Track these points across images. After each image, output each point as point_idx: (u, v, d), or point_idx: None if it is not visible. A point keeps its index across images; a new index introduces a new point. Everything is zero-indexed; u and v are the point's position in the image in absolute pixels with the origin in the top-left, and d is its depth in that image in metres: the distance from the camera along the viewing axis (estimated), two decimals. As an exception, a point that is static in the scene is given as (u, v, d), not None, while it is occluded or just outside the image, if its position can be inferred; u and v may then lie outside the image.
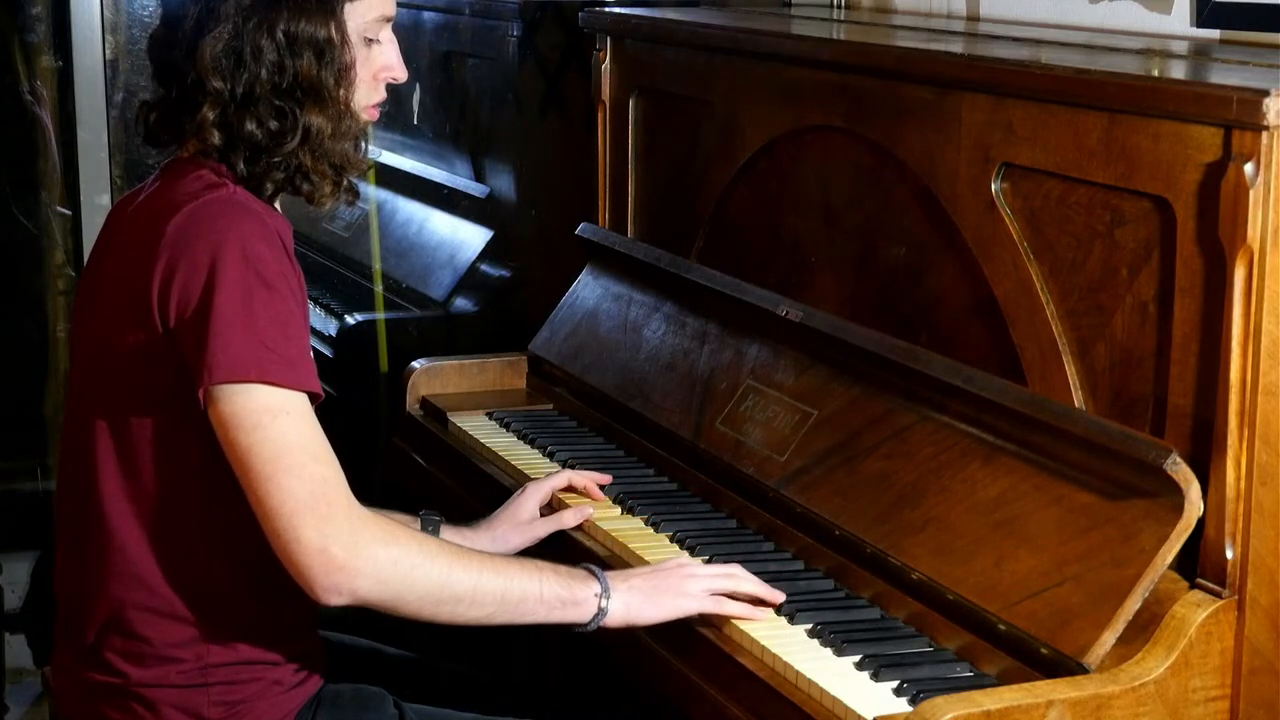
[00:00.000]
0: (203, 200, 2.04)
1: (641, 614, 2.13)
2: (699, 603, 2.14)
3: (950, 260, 2.35)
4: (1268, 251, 1.89)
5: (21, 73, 4.21)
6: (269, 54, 2.05)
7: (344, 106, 2.11)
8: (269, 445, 1.95)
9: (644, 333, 2.87)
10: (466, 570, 2.03)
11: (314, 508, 1.94)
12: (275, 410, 1.96)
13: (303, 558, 1.94)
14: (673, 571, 2.17)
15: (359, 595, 1.97)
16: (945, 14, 3.08)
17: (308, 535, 1.93)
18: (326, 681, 2.21)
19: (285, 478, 1.94)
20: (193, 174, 2.08)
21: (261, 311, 1.97)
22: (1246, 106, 1.87)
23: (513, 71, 3.69)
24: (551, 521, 2.46)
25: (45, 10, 4.21)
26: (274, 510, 1.94)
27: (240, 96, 2.05)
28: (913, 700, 1.93)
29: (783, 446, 2.45)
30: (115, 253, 2.12)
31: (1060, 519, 2.03)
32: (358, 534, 1.96)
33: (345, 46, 2.10)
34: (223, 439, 1.97)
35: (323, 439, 2.00)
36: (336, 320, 3.92)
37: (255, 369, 1.95)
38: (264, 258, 1.99)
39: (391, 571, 1.97)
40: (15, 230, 4.23)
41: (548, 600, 2.08)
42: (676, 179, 3.00)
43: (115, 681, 2.09)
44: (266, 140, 2.07)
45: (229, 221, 2.01)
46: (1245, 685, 1.93)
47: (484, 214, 3.84)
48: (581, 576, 2.12)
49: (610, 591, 2.11)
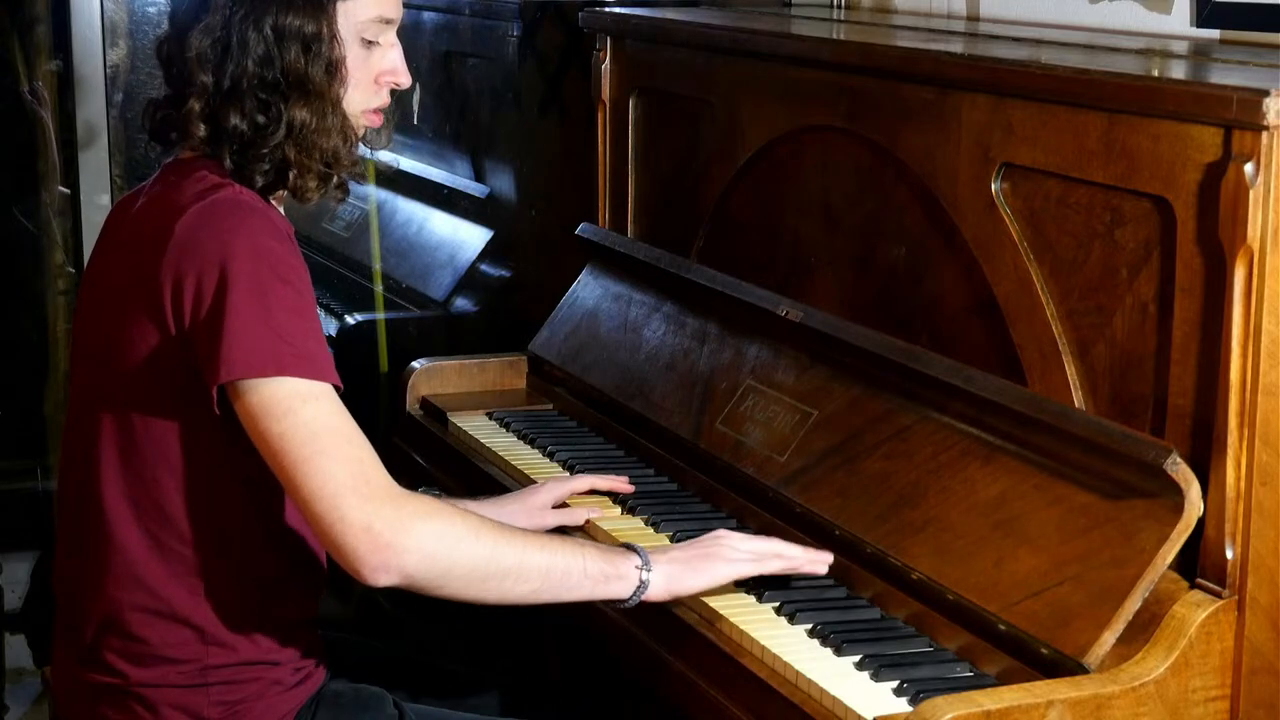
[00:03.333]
0: (209, 201, 2.03)
1: (684, 583, 2.11)
2: (744, 565, 2.14)
3: (950, 260, 2.35)
4: (1268, 251, 1.89)
5: (22, 73, 4.21)
6: (256, 47, 2.05)
7: (333, 103, 2.10)
8: (303, 430, 1.94)
9: (644, 333, 2.87)
10: (510, 545, 2.01)
11: (355, 488, 1.93)
12: (305, 396, 1.96)
13: (349, 538, 1.92)
14: (711, 542, 2.17)
15: (406, 572, 1.94)
16: (945, 14, 3.08)
17: (352, 515, 1.92)
18: (326, 681, 2.21)
19: (323, 460, 1.93)
20: (196, 174, 2.08)
21: (277, 306, 1.97)
22: (1246, 106, 1.87)
23: (513, 71, 3.69)
24: (564, 514, 2.46)
25: (45, 10, 4.21)
26: (315, 494, 1.93)
27: (226, 89, 2.05)
28: (913, 700, 1.93)
29: (783, 446, 2.45)
30: (120, 254, 2.12)
31: (1060, 519, 2.03)
32: (401, 511, 1.94)
33: (334, 43, 2.09)
34: (253, 430, 1.96)
35: (354, 423, 2.00)
36: (336, 320, 3.92)
37: (275, 363, 1.95)
38: (276, 252, 2.00)
39: (437, 546, 1.95)
40: (15, 230, 4.23)
41: (591, 574, 2.05)
42: (676, 179, 3.00)
43: (114, 682, 2.09)
44: (251, 133, 2.06)
45: (238, 220, 2.01)
46: (1245, 685, 1.93)
47: (484, 214, 3.84)
48: (620, 550, 2.12)
49: (651, 564, 2.10)
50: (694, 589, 2.13)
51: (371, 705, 2.21)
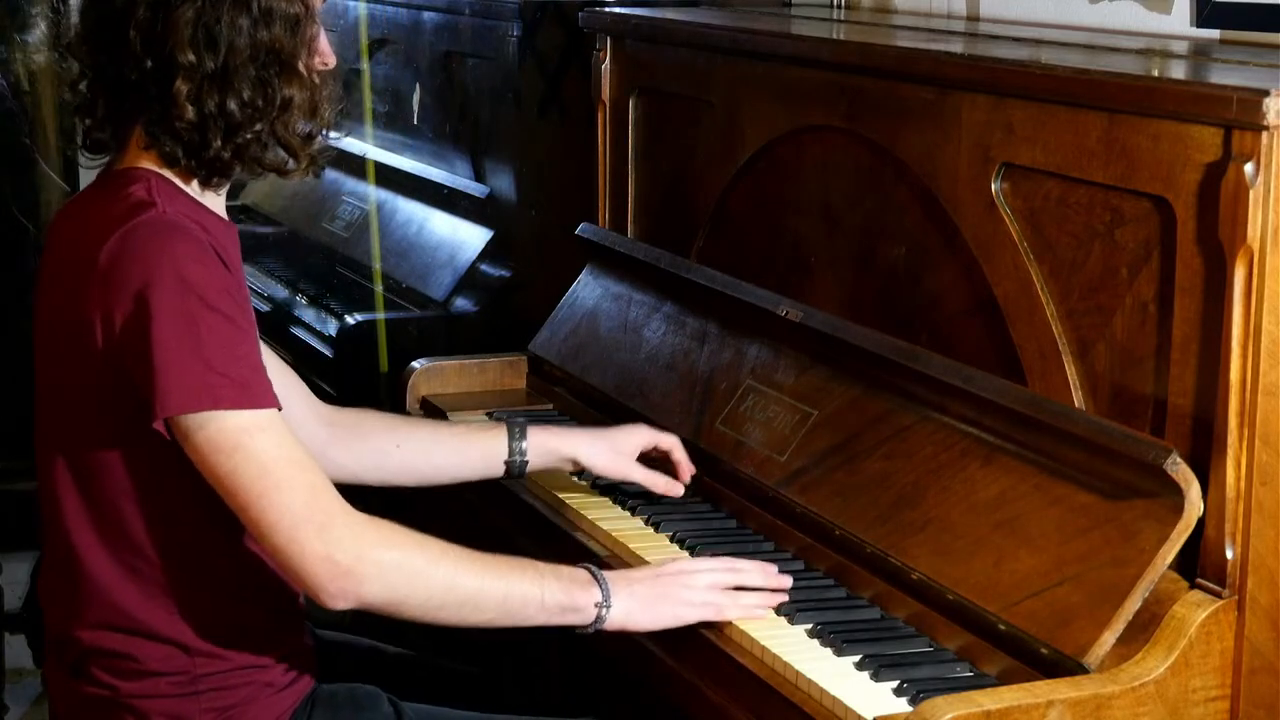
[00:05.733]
0: (131, 225, 1.99)
1: (637, 622, 2.13)
2: (698, 611, 2.14)
3: (950, 260, 2.35)
4: (1268, 251, 1.89)
5: (21, 73, 4.21)
6: (245, 26, 2.01)
7: (311, 81, 2.08)
8: (253, 465, 1.93)
9: (644, 333, 2.87)
10: (469, 575, 2.03)
11: (311, 518, 1.94)
12: (250, 429, 1.94)
13: (309, 567, 1.93)
14: (674, 578, 2.16)
15: (365, 600, 1.97)
16: (945, 14, 3.08)
17: (311, 546, 1.93)
18: (322, 681, 2.20)
19: (277, 494, 1.93)
20: (123, 191, 2.03)
21: (207, 336, 1.93)
22: (1246, 106, 1.86)
23: (513, 71, 3.69)
24: (644, 475, 2.48)
25: (45, 10, 4.21)
26: (272, 526, 1.93)
27: (217, 70, 2.00)
28: (913, 700, 1.93)
29: (783, 446, 2.45)
30: (54, 285, 2.09)
31: (1060, 519, 2.03)
32: (359, 538, 1.95)
33: (310, 17, 2.07)
34: (202, 466, 1.95)
35: (302, 447, 1.99)
36: (336, 320, 3.92)
37: (210, 397, 1.92)
38: (200, 279, 1.95)
39: (395, 576, 1.97)
40: (15, 230, 4.22)
41: (549, 606, 2.08)
42: (676, 179, 3.00)
43: (105, 694, 2.08)
44: (242, 115, 2.02)
45: (159, 245, 1.96)
46: (1245, 685, 1.93)
47: (484, 214, 3.84)
48: (583, 581, 2.11)
49: (611, 599, 2.11)
50: (647, 629, 2.14)
51: (367, 704, 2.20)
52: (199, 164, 2.05)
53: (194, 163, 2.05)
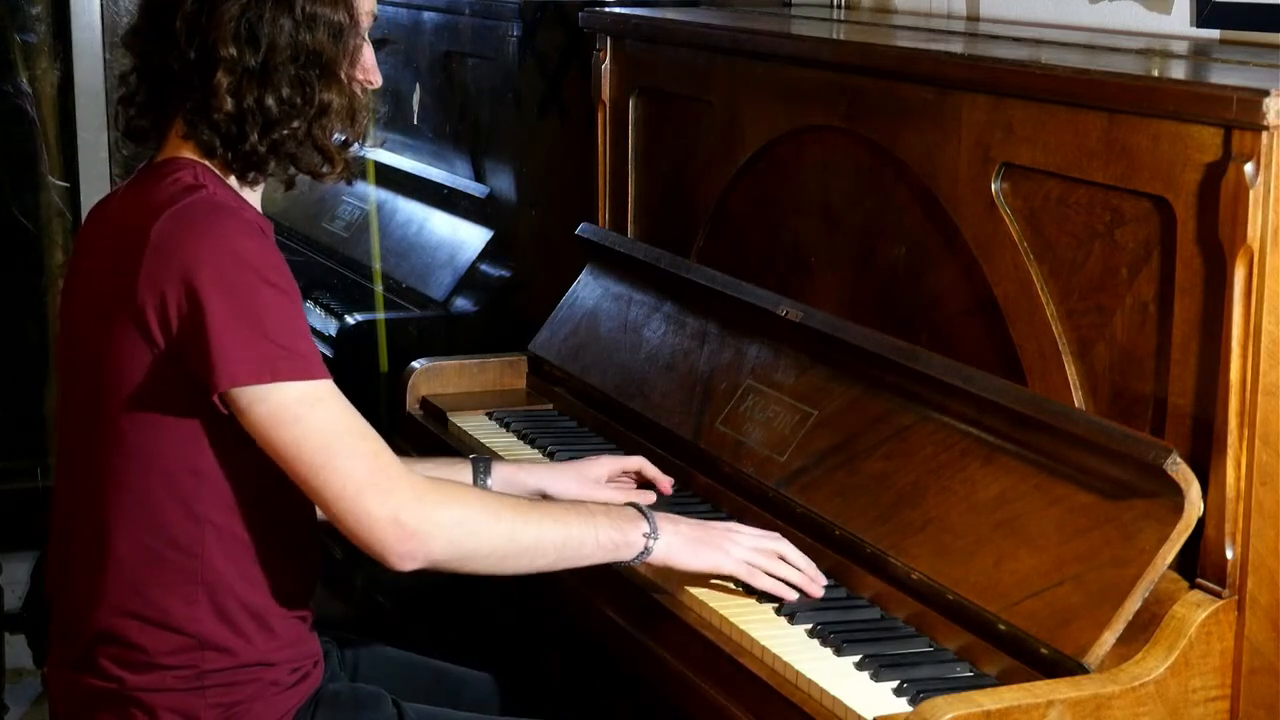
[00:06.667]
0: (184, 204, 2.02)
1: (680, 559, 2.18)
2: (734, 565, 2.19)
3: (950, 260, 2.35)
4: (1268, 251, 1.89)
5: (21, 73, 4.21)
6: (287, 27, 2.04)
7: (351, 90, 2.11)
8: (316, 434, 1.97)
9: (644, 333, 2.87)
10: (528, 524, 2.08)
11: (376, 483, 1.98)
12: (311, 400, 1.98)
13: (376, 532, 1.97)
14: (721, 531, 2.23)
15: (433, 558, 2.01)
16: (945, 14, 3.08)
17: (377, 510, 1.97)
18: (325, 681, 2.20)
19: (341, 460, 1.97)
20: (170, 178, 2.06)
21: (265, 310, 1.97)
22: (1246, 106, 1.87)
23: (513, 71, 3.69)
24: (618, 492, 2.50)
25: (45, 10, 4.21)
26: (337, 494, 1.97)
27: (257, 66, 2.04)
28: (913, 700, 1.93)
29: (783, 446, 2.45)
30: (98, 264, 2.10)
31: (1060, 519, 2.03)
32: (423, 500, 2.00)
33: (355, 29, 2.10)
34: (264, 439, 1.98)
35: (360, 415, 2.02)
36: (336, 320, 3.92)
37: (270, 370, 1.96)
38: (255, 254, 1.99)
39: (460, 532, 2.02)
40: (15, 230, 4.23)
41: (603, 544, 2.14)
42: (676, 179, 3.00)
43: (110, 687, 2.08)
44: (279, 111, 2.05)
45: (210, 222, 2.00)
46: (1245, 685, 1.93)
47: (484, 214, 3.84)
48: (631, 516, 2.18)
49: (658, 532, 2.16)
50: (687, 567, 2.19)
51: (370, 705, 2.20)
52: (235, 156, 2.08)
53: (230, 155, 2.08)
